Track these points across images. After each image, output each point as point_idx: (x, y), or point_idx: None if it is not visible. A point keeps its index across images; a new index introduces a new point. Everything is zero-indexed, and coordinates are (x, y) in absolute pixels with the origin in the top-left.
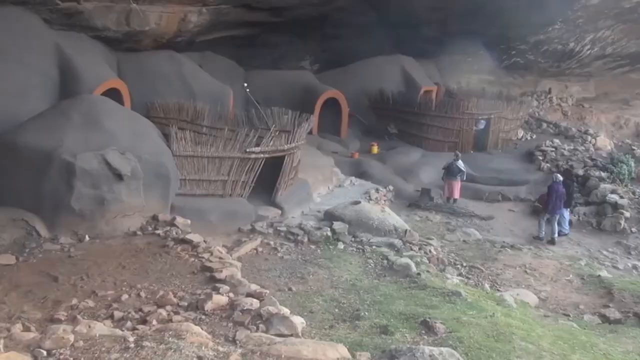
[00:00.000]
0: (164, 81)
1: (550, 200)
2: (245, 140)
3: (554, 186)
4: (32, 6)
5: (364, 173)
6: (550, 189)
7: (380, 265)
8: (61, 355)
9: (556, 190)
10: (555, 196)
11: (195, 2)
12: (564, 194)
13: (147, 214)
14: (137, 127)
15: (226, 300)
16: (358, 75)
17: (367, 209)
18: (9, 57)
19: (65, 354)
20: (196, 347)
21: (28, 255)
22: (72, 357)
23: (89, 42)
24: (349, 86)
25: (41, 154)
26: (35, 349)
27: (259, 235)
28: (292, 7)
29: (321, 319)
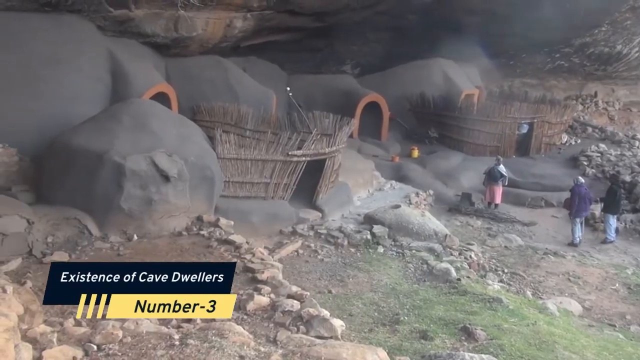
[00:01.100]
0: (210, 85)
1: (573, 204)
2: (288, 143)
3: (575, 189)
4: (87, 14)
5: (404, 177)
6: (572, 192)
7: (420, 269)
8: (110, 350)
9: (578, 192)
10: (577, 199)
11: (241, 8)
12: (588, 196)
13: (192, 214)
14: (183, 130)
15: (267, 301)
16: (399, 79)
17: (407, 213)
18: (65, 63)
19: (114, 349)
20: (238, 346)
21: (80, 253)
22: (121, 352)
23: (139, 48)
24: (389, 90)
25: (93, 155)
26: (86, 343)
27: (300, 237)
28: (333, 12)
29: (361, 322)
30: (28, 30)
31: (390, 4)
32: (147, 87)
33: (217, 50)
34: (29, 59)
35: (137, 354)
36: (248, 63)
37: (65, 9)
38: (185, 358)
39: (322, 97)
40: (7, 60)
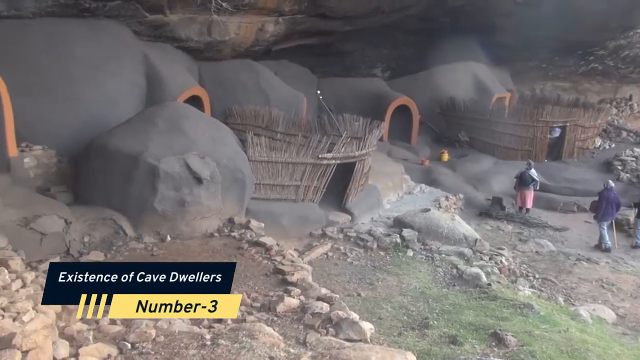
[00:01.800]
0: (242, 88)
1: (600, 208)
2: (318, 146)
3: (603, 193)
4: (124, 19)
5: (434, 180)
6: (600, 195)
7: (449, 274)
8: (144, 348)
9: (606, 197)
10: (605, 203)
11: (272, 13)
12: (616, 200)
13: (224, 216)
14: (216, 132)
15: (297, 303)
16: (429, 82)
17: (436, 217)
18: (103, 67)
19: (148, 347)
20: (268, 347)
21: (115, 252)
22: (154, 351)
23: (174, 52)
24: (419, 93)
25: (128, 157)
26: (120, 341)
27: (329, 240)
28: (364, 15)
29: (390, 326)
30: (68, 35)
31: (421, 7)
32: (181, 90)
33: (249, 54)
34: (68, 63)
35: (169, 353)
36: (279, 66)
37: (103, 15)
38: (216, 358)
39: (352, 100)
40: (48, 64)
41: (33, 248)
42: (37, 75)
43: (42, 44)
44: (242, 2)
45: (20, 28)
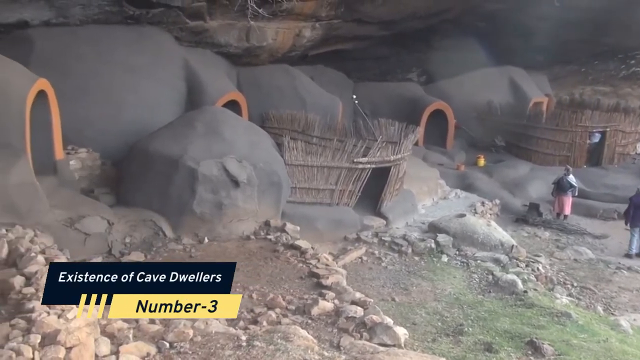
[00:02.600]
0: (279, 93)
1: (628, 214)
2: (353, 150)
3: (633, 198)
4: (166, 25)
5: (469, 186)
6: (630, 202)
7: (485, 280)
8: (181, 348)
9: (636, 202)
10: (633, 209)
11: (309, 18)
12: None
13: (260, 219)
14: (253, 136)
15: (331, 307)
16: (465, 87)
17: (472, 223)
18: (146, 72)
19: (185, 347)
20: (302, 350)
21: (155, 253)
22: (191, 350)
23: (213, 58)
24: (455, 98)
25: (168, 160)
26: (159, 340)
27: (364, 244)
28: (400, 20)
29: (424, 332)
30: (113, 41)
31: (457, 12)
32: (220, 95)
33: (286, 59)
34: (113, 68)
35: (206, 353)
36: (315, 71)
37: (146, 21)
38: (251, 359)
39: (388, 105)
40: (94, 70)
41: (77, 248)
42: (84, 80)
43: (88, 51)
44: (280, 8)
45: (68, 35)
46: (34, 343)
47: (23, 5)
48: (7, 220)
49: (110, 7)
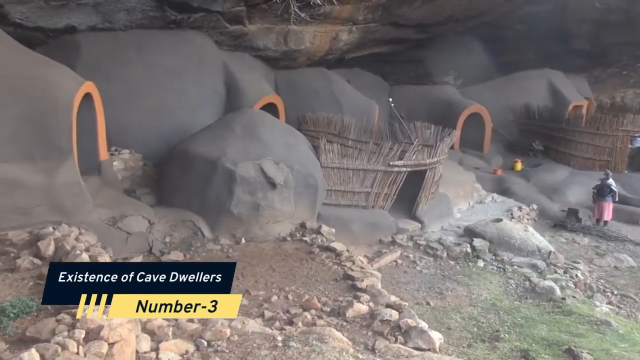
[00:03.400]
0: (315, 96)
1: None
2: (389, 153)
3: None
4: (206, 30)
5: (506, 190)
6: None
7: (521, 286)
8: (219, 346)
9: None
10: None
11: (347, 22)
12: None
13: (296, 221)
14: (290, 139)
15: (366, 309)
16: (502, 90)
17: (509, 227)
18: (187, 75)
19: (222, 345)
20: (337, 352)
21: (193, 253)
22: (228, 349)
23: (252, 61)
24: (492, 101)
25: (207, 162)
26: (197, 338)
27: (399, 247)
28: (437, 23)
29: (459, 337)
30: (155, 45)
31: (496, 14)
32: (258, 97)
33: (323, 63)
34: (155, 72)
35: (243, 352)
36: (352, 74)
37: (188, 26)
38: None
39: (424, 108)
40: (137, 73)
41: (119, 246)
42: (128, 83)
43: (132, 55)
44: (318, 12)
45: (113, 39)
46: (78, 338)
47: (71, 11)
48: (54, 218)
49: (153, 12)
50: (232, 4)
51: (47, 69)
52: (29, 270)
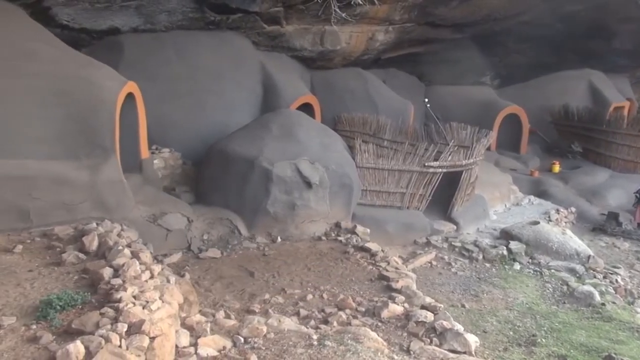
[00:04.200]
0: (351, 96)
1: None
2: (425, 154)
3: None
4: (244, 30)
5: (543, 192)
6: None
7: (559, 290)
8: (255, 343)
9: None
10: None
11: (383, 22)
12: None
13: (331, 220)
14: (325, 139)
15: (401, 310)
16: (540, 91)
17: (546, 230)
18: (226, 76)
19: (259, 343)
20: (373, 352)
21: (230, 251)
22: (264, 346)
23: (288, 61)
24: (530, 102)
25: (245, 161)
26: (234, 335)
27: (434, 248)
28: (474, 23)
29: (495, 340)
30: (195, 46)
31: (535, 13)
32: (294, 97)
33: (359, 63)
34: (195, 72)
35: (279, 350)
36: (387, 75)
37: (226, 27)
38: (322, 358)
39: (460, 109)
40: (177, 73)
41: (159, 243)
42: (168, 83)
43: (172, 55)
44: (354, 12)
45: (155, 40)
46: (121, 331)
47: (114, 13)
48: (98, 214)
49: (193, 14)
50: (270, 4)
51: (92, 69)
52: (74, 265)
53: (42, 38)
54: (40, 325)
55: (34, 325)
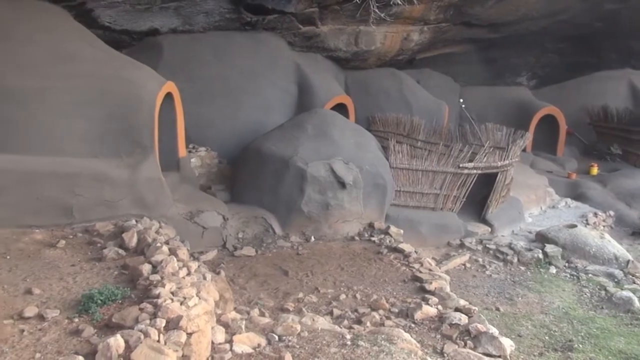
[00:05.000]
0: (385, 96)
1: None
2: (459, 155)
3: None
4: (280, 31)
5: (581, 195)
6: None
7: (597, 295)
8: (289, 342)
9: None
10: None
11: (418, 22)
12: None
13: (365, 221)
14: (360, 139)
15: (435, 312)
16: (578, 91)
17: (583, 234)
18: (261, 76)
19: (293, 341)
20: (406, 353)
21: (264, 249)
22: (298, 345)
23: (323, 62)
24: (567, 103)
25: (280, 160)
26: (268, 333)
27: (468, 250)
28: (511, 22)
29: (530, 345)
30: (231, 47)
31: (573, 12)
32: (329, 98)
33: (393, 63)
34: (231, 72)
35: (312, 349)
36: (422, 75)
37: (262, 27)
38: (355, 358)
39: (495, 109)
40: (214, 74)
41: (195, 240)
42: (205, 83)
43: (209, 56)
44: (389, 12)
45: (192, 41)
46: (159, 326)
47: (154, 15)
48: (137, 212)
49: (230, 15)
50: (305, 5)
51: (133, 70)
52: (114, 260)
53: (85, 39)
54: (82, 318)
55: (76, 318)
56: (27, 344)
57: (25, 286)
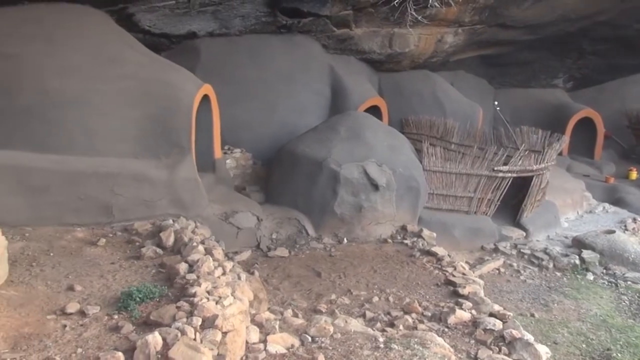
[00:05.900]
0: (418, 99)
1: None
2: (494, 158)
3: None
4: (314, 34)
5: (619, 200)
6: None
7: (636, 303)
8: (322, 343)
9: None
10: None
11: (452, 24)
12: None
13: (397, 223)
14: (393, 141)
15: (468, 317)
16: (617, 94)
17: (622, 240)
18: (295, 78)
19: (326, 342)
20: (439, 358)
21: (298, 250)
22: (331, 346)
23: (356, 64)
24: (606, 105)
25: (313, 162)
26: (302, 333)
27: (502, 255)
28: (547, 24)
29: (566, 352)
30: (267, 49)
31: (612, 13)
32: (362, 100)
33: (427, 65)
34: (266, 75)
35: (345, 351)
36: (456, 77)
37: (297, 30)
38: None
39: (531, 112)
40: (250, 76)
41: (230, 240)
42: (241, 86)
43: (245, 58)
44: (424, 14)
45: (229, 44)
46: (195, 325)
47: (192, 18)
48: (174, 211)
49: (266, 18)
50: (340, 8)
51: (171, 72)
52: (152, 259)
53: (126, 42)
54: (122, 315)
55: (116, 315)
56: (69, 339)
57: (67, 283)
